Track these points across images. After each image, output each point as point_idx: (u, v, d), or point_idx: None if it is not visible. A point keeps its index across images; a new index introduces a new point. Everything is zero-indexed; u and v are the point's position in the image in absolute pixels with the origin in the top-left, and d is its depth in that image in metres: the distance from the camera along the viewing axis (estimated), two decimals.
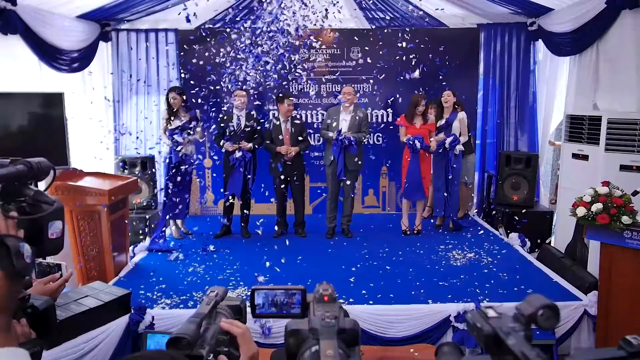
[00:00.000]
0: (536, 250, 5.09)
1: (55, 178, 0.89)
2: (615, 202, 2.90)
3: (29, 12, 4.52)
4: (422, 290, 3.88)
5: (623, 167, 4.11)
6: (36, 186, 0.92)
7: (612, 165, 4.18)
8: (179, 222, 5.49)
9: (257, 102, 6.06)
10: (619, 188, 3.03)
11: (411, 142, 5.24)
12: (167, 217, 5.18)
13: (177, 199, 5.16)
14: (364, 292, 3.88)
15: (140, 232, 5.22)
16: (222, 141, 5.28)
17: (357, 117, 5.28)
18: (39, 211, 0.82)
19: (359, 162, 5.34)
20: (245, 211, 5.47)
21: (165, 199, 5.18)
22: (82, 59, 5.57)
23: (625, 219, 2.85)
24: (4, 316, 0.69)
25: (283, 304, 0.96)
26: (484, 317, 0.71)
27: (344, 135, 5.15)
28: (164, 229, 5.18)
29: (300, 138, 5.40)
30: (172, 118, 5.17)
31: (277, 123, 5.38)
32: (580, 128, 4.66)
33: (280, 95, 5.47)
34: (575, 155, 4.76)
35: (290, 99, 5.44)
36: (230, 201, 5.35)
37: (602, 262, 3.06)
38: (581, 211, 3.00)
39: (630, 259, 2.89)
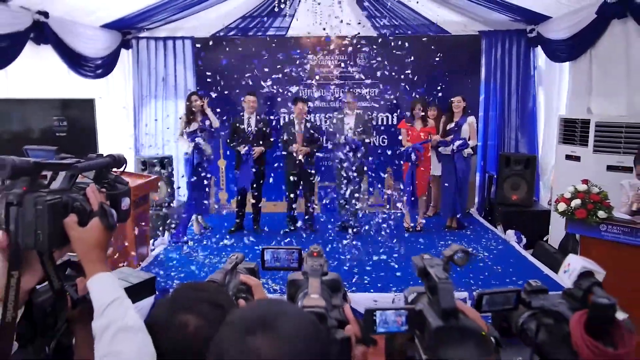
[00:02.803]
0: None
1: (126, 167, 1.23)
2: (592, 199, 3.19)
3: (59, 24, 4.91)
4: (419, 281, 4.18)
5: (610, 168, 4.38)
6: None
7: (600, 166, 4.45)
8: (199, 217, 5.86)
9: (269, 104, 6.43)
10: (597, 186, 3.32)
11: (408, 152, 5.56)
12: (191, 212, 5.58)
13: (200, 196, 5.54)
14: (366, 282, 4.20)
15: (159, 227, 5.58)
16: (234, 143, 5.63)
17: (359, 121, 5.61)
18: (116, 190, 1.16)
19: (364, 162, 5.67)
20: (255, 207, 5.82)
21: (189, 196, 5.57)
22: (105, 65, 5.97)
23: (601, 214, 3.13)
24: (104, 253, 1.03)
25: (284, 259, 1.29)
26: (421, 258, 1.03)
27: (351, 140, 5.47)
28: (189, 224, 5.59)
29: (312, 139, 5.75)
30: (190, 121, 5.51)
31: (293, 129, 5.73)
32: (573, 131, 4.94)
33: (295, 97, 5.84)
34: (568, 157, 5.04)
35: (304, 102, 5.79)
36: (241, 197, 5.72)
37: (582, 253, 3.34)
38: (562, 206, 3.29)
39: (606, 249, 3.17)
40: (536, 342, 1.06)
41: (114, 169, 1.17)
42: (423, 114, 5.70)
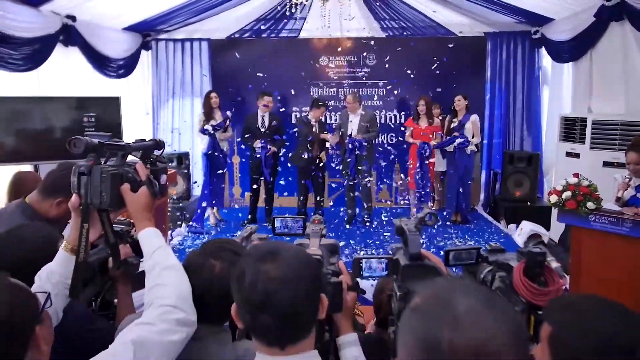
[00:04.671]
0: None
1: (164, 149, 1.51)
2: (582, 191, 3.40)
3: (85, 27, 5.24)
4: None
5: (606, 164, 4.57)
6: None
7: (596, 162, 4.64)
8: (215, 209, 6.16)
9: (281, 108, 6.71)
10: (587, 179, 3.53)
11: (422, 151, 5.87)
12: (205, 204, 5.89)
13: (215, 189, 5.85)
14: None
15: (177, 219, 5.90)
16: (249, 139, 5.92)
17: (364, 119, 5.86)
18: (157, 167, 1.44)
19: (369, 160, 5.92)
20: (268, 201, 6.12)
21: (204, 186, 5.90)
22: (127, 66, 6.30)
23: (590, 205, 3.34)
24: (150, 213, 1.31)
25: (292, 226, 1.57)
26: (400, 220, 1.30)
27: (354, 138, 5.74)
28: (205, 215, 5.95)
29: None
30: (208, 119, 5.80)
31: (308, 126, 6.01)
32: (573, 129, 5.13)
33: (315, 100, 6.13)
34: (568, 154, 5.23)
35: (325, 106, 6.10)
36: (254, 191, 6.03)
37: (572, 243, 3.55)
38: (553, 198, 3.49)
39: (595, 239, 3.38)
40: (492, 290, 1.32)
41: (155, 151, 1.45)
42: (427, 109, 5.94)
